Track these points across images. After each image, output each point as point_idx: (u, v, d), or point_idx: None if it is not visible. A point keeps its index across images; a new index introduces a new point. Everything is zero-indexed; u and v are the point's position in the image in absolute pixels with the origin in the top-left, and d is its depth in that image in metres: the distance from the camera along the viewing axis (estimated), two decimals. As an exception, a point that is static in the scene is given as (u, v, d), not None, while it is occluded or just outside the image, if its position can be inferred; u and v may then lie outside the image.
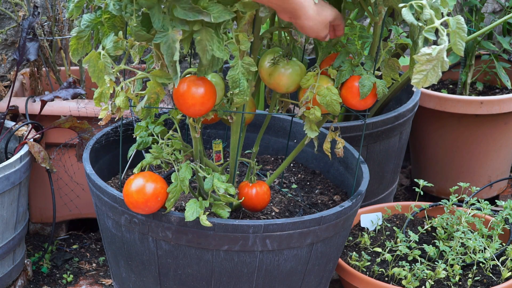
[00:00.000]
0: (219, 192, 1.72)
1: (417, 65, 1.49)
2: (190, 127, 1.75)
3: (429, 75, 1.51)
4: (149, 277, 1.86)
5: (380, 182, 2.68)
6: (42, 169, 2.49)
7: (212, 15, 1.44)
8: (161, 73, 1.61)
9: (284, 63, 1.78)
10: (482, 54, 3.20)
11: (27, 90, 2.74)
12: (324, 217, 1.79)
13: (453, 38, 1.52)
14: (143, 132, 1.87)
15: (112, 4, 1.53)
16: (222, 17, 1.47)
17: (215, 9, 1.46)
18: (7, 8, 2.78)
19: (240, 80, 1.63)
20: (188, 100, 1.62)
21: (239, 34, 1.59)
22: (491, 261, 2.16)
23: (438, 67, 1.50)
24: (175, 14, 1.44)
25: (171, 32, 1.46)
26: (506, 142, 3.00)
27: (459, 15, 1.52)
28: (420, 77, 1.51)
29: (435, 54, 1.47)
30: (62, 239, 2.72)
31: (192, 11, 1.43)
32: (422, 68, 1.50)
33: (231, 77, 1.63)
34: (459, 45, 1.52)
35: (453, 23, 1.49)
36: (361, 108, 1.77)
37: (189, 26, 1.46)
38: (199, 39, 1.47)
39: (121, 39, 1.59)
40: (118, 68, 1.61)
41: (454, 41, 1.52)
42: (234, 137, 1.83)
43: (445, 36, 1.48)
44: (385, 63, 1.82)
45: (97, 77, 1.63)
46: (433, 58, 1.48)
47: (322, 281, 1.96)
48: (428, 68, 1.50)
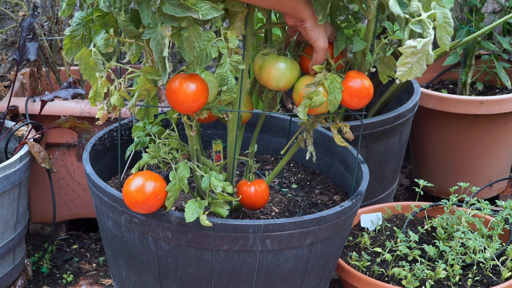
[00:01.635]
0: (216, 191, 1.72)
1: (402, 57, 1.48)
2: (185, 126, 1.75)
3: (413, 68, 1.50)
4: (149, 277, 1.86)
5: (380, 182, 2.68)
6: (42, 169, 2.49)
7: (200, 12, 1.45)
8: (151, 69, 1.62)
9: (274, 56, 1.78)
10: (482, 54, 3.20)
11: (27, 90, 2.74)
12: (324, 217, 1.79)
13: (439, 32, 1.51)
14: (140, 132, 1.87)
15: (103, 1, 1.53)
16: (211, 14, 1.47)
17: (203, 6, 1.46)
18: (7, 8, 2.78)
19: (228, 78, 1.63)
20: (179, 97, 1.62)
21: (227, 32, 1.60)
22: (491, 261, 2.16)
23: (423, 60, 1.49)
24: (164, 10, 1.44)
25: (160, 28, 1.46)
26: (506, 142, 3.00)
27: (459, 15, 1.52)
28: (405, 69, 1.50)
29: (420, 47, 1.47)
30: (62, 239, 2.72)
31: (180, 8, 1.43)
32: (407, 61, 1.49)
33: (219, 74, 1.63)
34: (445, 39, 1.51)
35: (440, 16, 1.48)
36: (357, 107, 1.77)
37: (178, 23, 1.46)
38: (187, 36, 1.48)
39: (112, 36, 1.59)
40: (109, 65, 1.61)
41: (440, 35, 1.51)
42: (230, 135, 1.83)
43: (431, 29, 1.47)
44: (381, 61, 1.82)
45: (88, 74, 1.64)
46: (418, 51, 1.47)
47: (322, 281, 1.96)
48: (413, 61, 1.49)
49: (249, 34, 1.71)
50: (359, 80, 1.75)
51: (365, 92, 1.76)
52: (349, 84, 1.75)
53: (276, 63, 1.77)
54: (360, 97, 1.76)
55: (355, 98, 1.76)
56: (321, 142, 2.22)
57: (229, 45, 1.59)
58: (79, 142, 2.46)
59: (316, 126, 1.88)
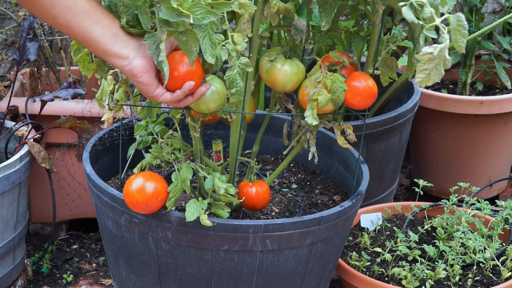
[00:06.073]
0: (219, 192, 1.72)
1: (419, 64, 1.50)
2: (190, 127, 1.76)
3: (431, 74, 1.51)
4: (149, 277, 1.86)
5: (380, 182, 2.68)
6: (42, 169, 2.49)
7: (194, 16, 1.43)
8: None
9: (281, 60, 1.78)
10: (482, 54, 3.20)
11: (27, 90, 2.74)
12: (324, 217, 1.79)
13: (454, 36, 1.52)
14: (142, 131, 1.87)
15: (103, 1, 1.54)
16: (207, 18, 1.45)
17: (198, 10, 1.44)
18: (7, 8, 2.78)
19: (237, 80, 1.63)
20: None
21: (234, 34, 1.59)
22: (491, 261, 2.16)
23: (440, 65, 1.50)
24: (160, 14, 1.43)
25: (159, 32, 1.46)
26: (506, 142, 3.00)
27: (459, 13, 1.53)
28: (423, 76, 1.51)
29: (436, 53, 1.48)
30: (62, 239, 2.72)
31: (174, 12, 1.42)
32: (425, 67, 1.50)
33: (228, 77, 1.63)
34: (460, 42, 1.52)
35: (453, 20, 1.49)
36: (360, 107, 1.77)
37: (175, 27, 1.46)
38: (185, 40, 1.47)
39: None
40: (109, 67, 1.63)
41: (455, 38, 1.52)
42: (233, 136, 1.83)
43: (446, 34, 1.48)
44: (383, 62, 1.82)
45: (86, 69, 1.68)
46: (435, 57, 1.49)
47: (322, 281, 1.96)
48: (430, 67, 1.50)
49: (255, 36, 1.71)
50: (363, 80, 1.75)
51: (369, 92, 1.75)
52: (353, 84, 1.74)
53: (283, 68, 1.78)
54: (364, 97, 1.75)
55: (359, 97, 1.75)
56: (321, 142, 2.22)
57: (237, 47, 1.59)
58: (79, 142, 2.46)
59: (319, 127, 1.88)
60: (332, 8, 1.66)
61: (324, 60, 1.79)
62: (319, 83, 1.73)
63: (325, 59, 1.80)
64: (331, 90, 1.73)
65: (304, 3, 1.76)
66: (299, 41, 1.88)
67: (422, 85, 1.52)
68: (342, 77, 1.74)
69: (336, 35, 1.90)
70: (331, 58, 1.78)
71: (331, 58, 1.78)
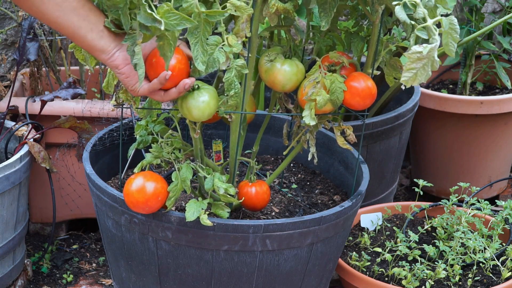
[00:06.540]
0: (219, 192, 1.72)
1: (407, 62, 1.48)
2: (189, 128, 1.76)
3: (418, 74, 1.50)
4: (149, 277, 1.86)
5: (380, 182, 2.68)
6: (42, 169, 2.49)
7: (167, 22, 1.42)
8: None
9: (281, 60, 1.78)
10: (482, 54, 3.20)
11: (27, 90, 2.74)
12: (324, 217, 1.79)
13: (445, 39, 1.51)
14: (143, 131, 1.87)
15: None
16: (181, 25, 1.44)
17: (172, 16, 1.43)
18: (7, 8, 2.78)
19: (234, 82, 1.63)
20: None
21: (229, 36, 1.59)
22: (491, 261, 2.16)
23: (428, 66, 1.49)
24: (138, 18, 1.43)
25: (137, 34, 1.46)
26: (506, 142, 3.00)
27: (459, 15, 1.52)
28: (410, 75, 1.50)
29: (426, 52, 1.46)
30: (62, 239, 2.72)
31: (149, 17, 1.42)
32: (412, 66, 1.49)
33: (226, 79, 1.63)
34: (451, 46, 1.51)
35: (445, 23, 1.48)
36: (359, 108, 1.77)
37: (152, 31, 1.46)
38: (161, 45, 1.47)
39: None
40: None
41: (446, 42, 1.51)
42: (233, 136, 1.83)
43: (437, 36, 1.47)
44: (387, 63, 1.82)
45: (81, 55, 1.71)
46: (424, 57, 1.47)
47: (322, 281, 1.96)
48: (418, 66, 1.49)
49: (254, 36, 1.71)
50: (362, 81, 1.75)
51: (368, 92, 1.75)
52: (352, 84, 1.74)
53: (282, 68, 1.78)
54: (363, 98, 1.75)
55: (358, 98, 1.75)
56: (321, 142, 2.22)
57: (233, 49, 1.60)
58: (79, 142, 2.46)
59: (319, 128, 1.88)
60: (331, 8, 1.66)
61: (323, 60, 1.79)
62: (318, 83, 1.73)
63: (325, 59, 1.79)
64: (330, 90, 1.73)
65: (303, 3, 1.76)
66: (299, 41, 1.88)
67: (408, 85, 1.51)
68: (341, 78, 1.74)
69: (336, 35, 1.90)
70: (331, 59, 1.78)
71: (330, 58, 1.78)
